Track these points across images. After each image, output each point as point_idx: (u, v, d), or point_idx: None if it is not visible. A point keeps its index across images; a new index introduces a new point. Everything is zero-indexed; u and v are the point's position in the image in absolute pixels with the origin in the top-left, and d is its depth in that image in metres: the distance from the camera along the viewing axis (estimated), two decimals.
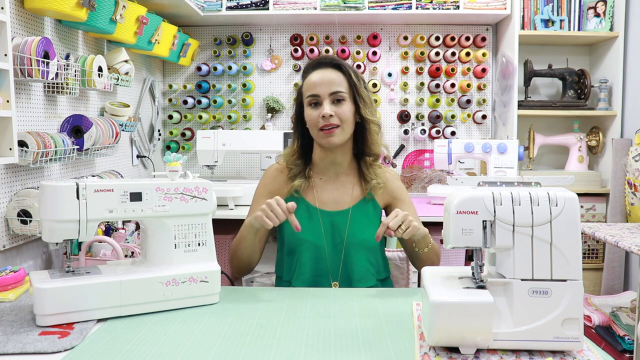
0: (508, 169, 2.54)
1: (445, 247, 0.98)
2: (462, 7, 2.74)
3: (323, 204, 1.46)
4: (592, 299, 2.31)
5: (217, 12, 2.78)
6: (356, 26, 3.04)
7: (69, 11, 1.64)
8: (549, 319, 0.90)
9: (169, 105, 3.10)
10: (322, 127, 1.38)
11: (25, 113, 1.65)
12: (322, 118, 1.38)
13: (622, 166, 2.61)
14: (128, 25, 2.05)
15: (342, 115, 1.39)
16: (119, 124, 2.07)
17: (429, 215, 2.34)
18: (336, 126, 1.39)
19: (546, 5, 2.81)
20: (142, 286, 1.13)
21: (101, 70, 1.90)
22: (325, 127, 1.38)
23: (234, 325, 1.07)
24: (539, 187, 0.98)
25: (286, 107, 3.07)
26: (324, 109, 1.38)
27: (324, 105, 1.38)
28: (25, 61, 1.47)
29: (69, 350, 0.95)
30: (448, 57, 2.98)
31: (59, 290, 1.05)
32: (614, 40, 2.78)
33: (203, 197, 1.21)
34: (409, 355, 0.92)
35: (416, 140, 3.10)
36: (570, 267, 0.91)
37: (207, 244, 1.23)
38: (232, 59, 3.07)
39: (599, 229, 2.01)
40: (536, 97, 3.07)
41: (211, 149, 2.62)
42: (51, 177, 1.79)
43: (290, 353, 0.93)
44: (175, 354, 0.93)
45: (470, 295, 0.91)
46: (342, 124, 1.39)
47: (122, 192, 1.12)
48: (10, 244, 1.57)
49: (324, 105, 1.38)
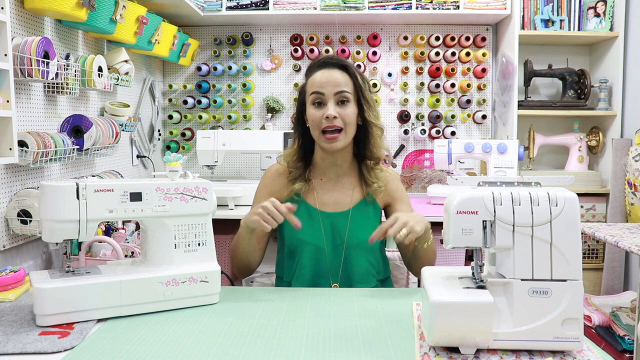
0: (508, 169, 2.54)
1: (445, 247, 0.98)
2: (462, 7, 2.74)
3: (323, 205, 1.45)
4: (592, 299, 2.31)
5: (217, 12, 2.78)
6: (356, 26, 3.04)
7: (69, 11, 1.64)
8: (549, 319, 0.90)
9: (169, 105, 3.10)
10: (324, 129, 1.37)
11: (25, 113, 1.65)
12: (326, 119, 1.36)
13: (622, 166, 2.61)
14: (128, 25, 2.05)
15: (346, 117, 1.37)
16: (119, 124, 2.07)
17: (429, 215, 2.33)
18: (339, 130, 1.37)
19: (546, 5, 2.81)
20: (142, 286, 1.13)
21: (101, 70, 1.90)
22: (328, 128, 1.36)
23: (234, 325, 1.07)
24: (539, 187, 0.98)
25: (286, 107, 3.07)
26: (329, 109, 1.36)
27: (328, 106, 1.36)
28: (25, 61, 1.48)
29: (69, 350, 0.95)
30: (448, 57, 2.98)
31: (59, 290, 1.05)
32: (614, 40, 2.78)
33: (203, 197, 1.21)
34: (409, 355, 0.92)
35: (416, 140, 3.10)
36: (570, 267, 0.91)
37: (207, 244, 1.23)
38: (232, 59, 3.08)
39: (599, 229, 2.01)
40: (536, 97, 3.07)
41: (211, 149, 2.62)
42: (51, 177, 1.79)
43: (290, 353, 0.93)
44: (175, 354, 0.93)
45: (470, 295, 0.91)
46: (346, 127, 1.38)
47: (122, 192, 1.12)
48: (10, 244, 1.57)
49: (329, 106, 1.36)
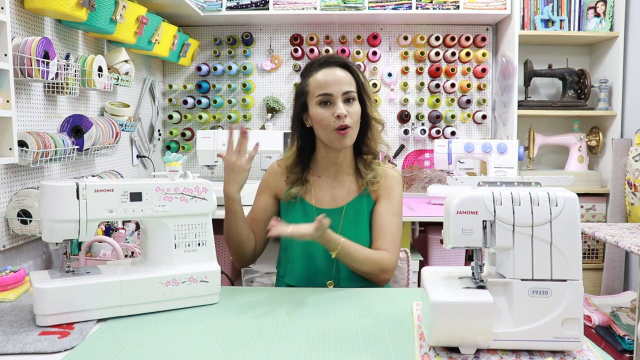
0: (508, 169, 2.54)
1: (445, 247, 0.98)
2: (462, 7, 2.74)
3: (319, 202, 1.46)
4: (592, 299, 2.31)
5: (217, 12, 2.78)
6: (356, 26, 3.04)
7: (69, 11, 1.64)
8: (549, 319, 0.90)
9: (169, 105, 3.10)
10: (338, 128, 1.36)
11: (25, 113, 1.65)
12: (337, 118, 1.35)
13: (622, 166, 2.61)
14: (128, 25, 2.05)
15: (354, 115, 1.38)
16: (119, 124, 2.07)
17: (429, 215, 2.34)
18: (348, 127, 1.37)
19: (546, 5, 2.81)
20: (142, 286, 1.13)
21: (101, 70, 1.90)
22: (341, 127, 1.36)
23: (234, 325, 1.07)
24: (539, 187, 0.98)
25: (286, 107, 3.07)
26: (339, 108, 1.35)
27: (338, 105, 1.36)
28: (25, 61, 1.48)
29: (69, 350, 0.95)
30: (448, 57, 2.99)
31: (59, 290, 1.05)
32: (614, 40, 2.78)
33: (203, 197, 1.21)
34: (409, 355, 0.92)
35: (416, 140, 3.10)
36: (570, 267, 0.91)
37: (207, 244, 1.23)
38: (232, 59, 3.08)
39: (599, 229, 2.01)
40: (536, 97, 3.07)
41: (211, 149, 2.62)
42: (51, 177, 1.79)
43: (290, 353, 0.93)
44: (175, 354, 0.93)
45: (470, 295, 0.91)
46: (353, 124, 1.38)
47: (122, 192, 1.12)
48: (10, 244, 1.57)
49: (338, 105, 1.36)
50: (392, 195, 1.45)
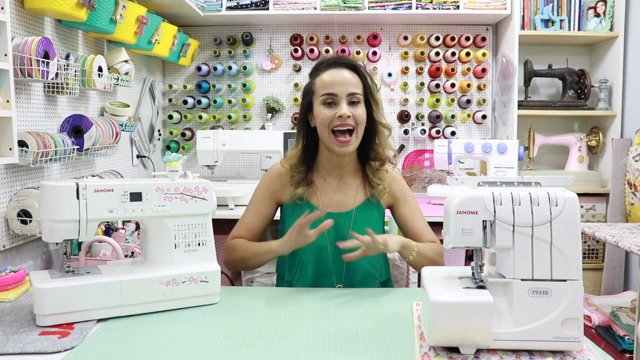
0: (508, 169, 2.54)
1: (445, 247, 0.98)
2: (462, 7, 2.74)
3: (326, 206, 1.44)
4: (592, 299, 2.31)
5: (217, 12, 2.78)
6: (356, 26, 3.04)
7: (69, 11, 1.64)
8: (549, 319, 0.90)
9: (169, 105, 3.10)
10: (335, 127, 1.36)
11: (25, 113, 1.65)
12: (338, 118, 1.35)
13: (622, 166, 2.61)
14: (128, 25, 2.05)
15: (358, 117, 1.37)
16: (119, 124, 2.07)
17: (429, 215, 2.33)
18: (350, 131, 1.37)
19: (546, 5, 2.81)
20: (142, 286, 1.13)
21: (101, 70, 1.90)
22: (340, 127, 1.36)
23: (234, 325, 1.07)
24: (539, 187, 0.98)
25: (286, 107, 3.07)
26: (342, 109, 1.35)
27: (341, 105, 1.36)
28: (25, 61, 1.48)
29: (69, 350, 0.95)
30: (448, 57, 2.99)
31: (59, 290, 1.05)
32: (614, 40, 2.78)
33: (203, 197, 1.21)
34: (409, 355, 0.92)
35: (416, 140, 3.10)
36: (570, 267, 0.91)
37: (207, 244, 1.23)
38: (232, 59, 3.08)
39: (599, 229, 2.01)
40: (536, 97, 3.07)
41: (211, 149, 2.62)
42: (51, 177, 1.79)
43: (290, 353, 0.93)
44: (175, 354, 0.93)
45: (470, 295, 0.91)
46: (357, 127, 1.38)
47: (122, 192, 1.13)
48: (10, 244, 1.57)
49: (342, 105, 1.36)
50: (407, 195, 1.50)
